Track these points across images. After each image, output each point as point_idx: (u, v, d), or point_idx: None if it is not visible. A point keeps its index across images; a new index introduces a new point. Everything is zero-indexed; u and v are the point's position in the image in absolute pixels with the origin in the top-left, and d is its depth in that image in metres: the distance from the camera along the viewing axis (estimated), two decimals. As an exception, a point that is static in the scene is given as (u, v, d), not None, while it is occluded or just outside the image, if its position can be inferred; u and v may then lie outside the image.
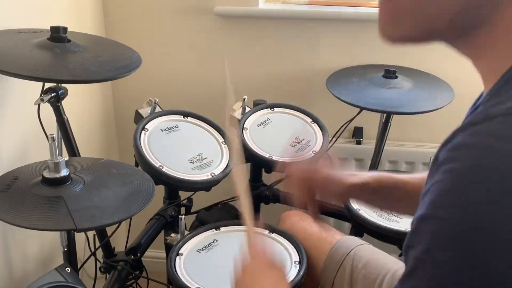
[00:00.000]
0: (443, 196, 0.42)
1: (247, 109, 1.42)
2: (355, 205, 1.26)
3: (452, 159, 0.43)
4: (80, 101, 1.52)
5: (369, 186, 0.85)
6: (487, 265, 0.39)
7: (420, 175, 0.84)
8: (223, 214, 1.35)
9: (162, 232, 1.32)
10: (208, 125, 1.31)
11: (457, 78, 1.47)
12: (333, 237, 1.10)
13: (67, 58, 1.07)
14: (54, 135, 0.96)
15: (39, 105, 1.12)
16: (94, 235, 1.33)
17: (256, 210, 1.48)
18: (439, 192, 0.43)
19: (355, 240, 1.10)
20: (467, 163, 0.41)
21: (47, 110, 1.16)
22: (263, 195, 1.46)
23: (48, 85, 1.12)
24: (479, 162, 0.41)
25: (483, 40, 0.48)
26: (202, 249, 1.10)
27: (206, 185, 1.19)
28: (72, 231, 0.93)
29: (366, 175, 0.86)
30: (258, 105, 1.44)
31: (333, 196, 0.92)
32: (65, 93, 1.14)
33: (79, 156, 1.24)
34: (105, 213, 0.92)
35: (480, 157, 0.41)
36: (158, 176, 1.14)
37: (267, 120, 1.40)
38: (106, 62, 1.11)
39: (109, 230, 1.27)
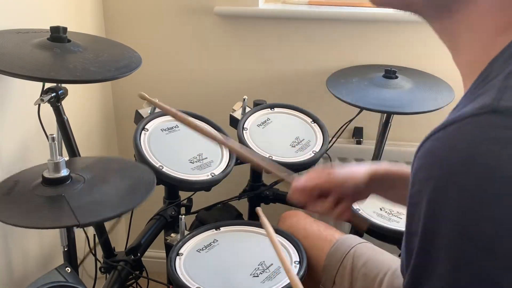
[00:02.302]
0: (421, 208, 0.43)
1: (247, 109, 1.42)
2: (355, 205, 1.25)
3: (420, 169, 0.43)
4: (80, 101, 1.52)
5: (379, 173, 0.84)
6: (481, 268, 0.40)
7: None
8: (223, 214, 1.35)
9: (162, 232, 1.32)
10: (208, 125, 1.30)
11: (457, 78, 1.46)
12: (333, 236, 1.10)
13: (67, 58, 1.07)
14: (54, 135, 0.96)
15: (39, 105, 1.12)
16: (94, 235, 1.33)
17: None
18: (416, 205, 0.44)
19: (355, 239, 1.10)
20: (444, 168, 0.41)
21: (47, 110, 1.16)
22: (263, 195, 1.46)
23: (48, 85, 1.12)
24: (455, 166, 0.41)
25: (458, 27, 0.48)
26: (202, 249, 1.10)
27: (206, 185, 1.19)
28: (75, 227, 0.92)
29: (371, 165, 0.86)
30: (258, 105, 1.44)
31: (353, 192, 0.88)
32: (65, 93, 1.14)
33: (79, 156, 1.24)
34: (107, 206, 0.92)
35: (454, 160, 0.41)
36: (158, 176, 1.14)
37: (267, 120, 1.40)
38: (106, 62, 1.11)
39: (108, 227, 1.26)
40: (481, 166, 0.39)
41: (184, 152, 1.23)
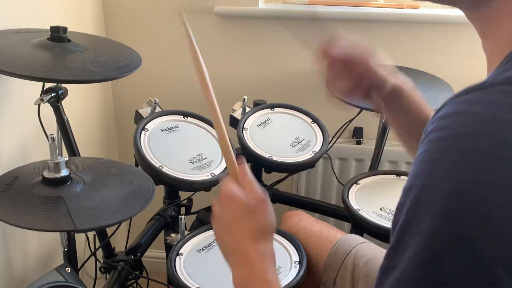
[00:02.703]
0: (426, 164, 0.42)
1: (247, 109, 1.42)
2: (355, 205, 1.26)
3: (437, 128, 0.42)
4: (80, 101, 1.52)
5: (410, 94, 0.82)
6: (467, 233, 0.39)
7: None
8: (223, 214, 1.35)
9: (162, 232, 1.32)
10: (208, 125, 1.31)
11: (457, 78, 1.47)
12: (334, 236, 1.10)
13: (67, 58, 1.07)
14: (54, 135, 0.96)
15: (39, 105, 1.12)
16: (94, 235, 1.33)
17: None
18: (422, 163, 0.42)
19: (356, 239, 1.10)
20: (451, 131, 0.40)
21: (47, 110, 1.16)
22: (263, 195, 1.46)
23: (48, 85, 1.12)
24: (464, 129, 0.40)
25: (493, 14, 0.48)
26: (202, 249, 1.10)
27: (206, 185, 1.19)
28: (72, 232, 0.93)
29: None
30: (258, 105, 1.44)
31: (379, 85, 0.83)
32: (65, 93, 1.14)
33: (79, 156, 1.24)
34: (105, 213, 0.92)
35: (466, 124, 0.40)
36: (158, 176, 1.14)
37: (267, 120, 1.40)
38: (106, 61, 1.11)
39: (109, 231, 1.27)
40: (499, 132, 0.38)
41: (184, 152, 1.22)
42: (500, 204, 0.38)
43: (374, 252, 1.05)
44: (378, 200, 1.27)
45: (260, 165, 1.39)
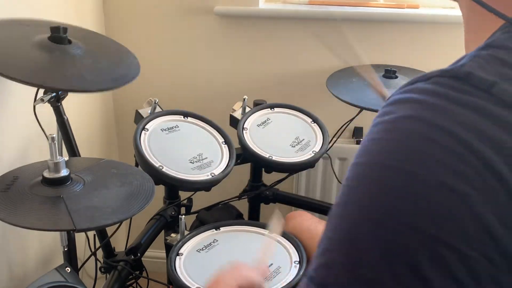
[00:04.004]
0: (363, 145, 0.44)
1: (247, 109, 1.42)
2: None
3: (381, 114, 0.44)
4: (80, 101, 1.52)
5: None
6: (389, 216, 0.39)
7: None
8: (223, 214, 1.35)
9: (162, 232, 1.32)
10: (208, 125, 1.30)
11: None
12: None
13: (65, 64, 1.06)
14: (54, 135, 0.96)
15: (38, 105, 1.12)
16: (94, 235, 1.33)
17: (256, 210, 1.49)
18: (361, 145, 0.45)
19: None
20: (392, 116, 0.42)
21: (47, 110, 1.16)
22: (263, 195, 1.46)
23: (48, 85, 1.12)
24: (402, 113, 0.42)
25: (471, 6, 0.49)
26: (202, 249, 1.10)
27: (206, 185, 1.19)
28: (71, 232, 0.93)
29: None
30: (258, 105, 1.44)
31: None
32: (65, 93, 1.14)
33: (79, 156, 1.24)
34: (105, 213, 0.92)
35: (405, 109, 0.42)
36: (158, 176, 1.14)
37: (267, 120, 1.40)
38: (103, 69, 1.11)
39: (109, 231, 1.27)
40: (433, 117, 0.40)
41: (184, 152, 1.22)
42: (425, 181, 0.39)
43: None
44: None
45: (260, 165, 1.39)
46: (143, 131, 1.21)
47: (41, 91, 1.11)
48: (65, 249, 1.13)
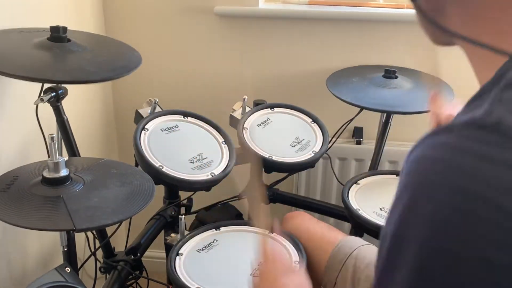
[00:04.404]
0: (397, 211, 0.42)
1: (247, 109, 1.42)
2: (355, 205, 1.26)
3: (406, 173, 0.41)
4: (80, 101, 1.52)
5: None
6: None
7: None
8: (223, 214, 1.35)
9: (162, 232, 1.32)
10: (208, 125, 1.30)
11: (457, 78, 1.47)
12: (336, 238, 1.10)
13: (66, 59, 1.07)
14: (54, 135, 0.96)
15: (37, 105, 1.12)
16: (94, 235, 1.33)
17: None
18: (395, 208, 0.42)
19: (358, 241, 1.10)
20: (416, 179, 0.40)
21: (47, 110, 1.16)
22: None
23: (48, 85, 1.12)
24: (432, 177, 0.39)
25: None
26: (202, 249, 1.10)
27: (206, 185, 1.19)
28: (71, 232, 0.92)
29: None
30: (258, 105, 1.44)
31: None
32: (65, 93, 1.14)
33: (79, 156, 1.24)
34: (105, 213, 0.92)
35: (432, 171, 0.39)
36: (158, 176, 1.14)
37: (267, 120, 1.40)
38: (105, 62, 1.11)
39: (109, 231, 1.27)
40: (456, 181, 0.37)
41: (184, 152, 1.22)
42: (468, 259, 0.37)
43: (375, 255, 1.04)
44: (378, 200, 1.27)
45: (260, 165, 1.39)
46: (143, 131, 1.21)
47: (44, 88, 1.11)
48: (65, 249, 1.13)
